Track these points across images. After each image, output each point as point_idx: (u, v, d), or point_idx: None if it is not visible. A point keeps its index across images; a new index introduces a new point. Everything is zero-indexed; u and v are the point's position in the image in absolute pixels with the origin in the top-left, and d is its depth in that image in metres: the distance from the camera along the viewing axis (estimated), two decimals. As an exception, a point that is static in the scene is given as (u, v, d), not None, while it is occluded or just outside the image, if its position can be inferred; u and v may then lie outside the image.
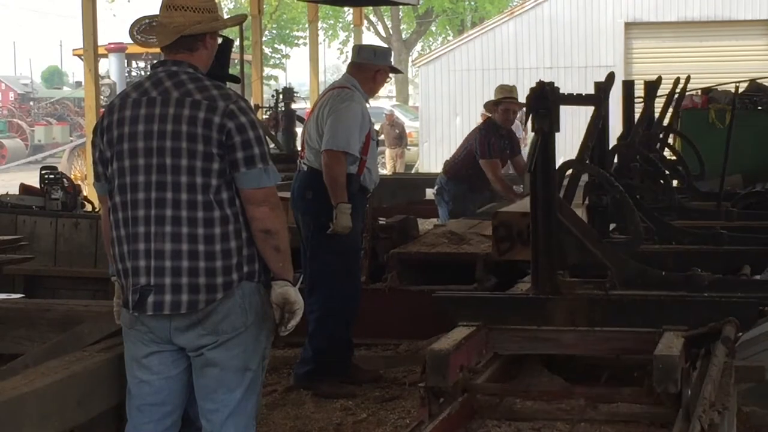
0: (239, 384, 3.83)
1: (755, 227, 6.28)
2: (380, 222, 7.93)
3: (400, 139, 26.54)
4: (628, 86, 7.02)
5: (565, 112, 5.01)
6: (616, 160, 6.59)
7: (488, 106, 9.55)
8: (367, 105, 6.60)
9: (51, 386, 3.81)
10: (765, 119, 10.06)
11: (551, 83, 4.38)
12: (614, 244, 4.84)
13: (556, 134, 4.47)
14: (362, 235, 7.01)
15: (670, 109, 8.21)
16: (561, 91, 4.56)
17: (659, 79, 7.29)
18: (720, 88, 10.97)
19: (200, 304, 3.73)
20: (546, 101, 4.34)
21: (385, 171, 23.61)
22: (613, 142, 6.57)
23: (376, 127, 26.60)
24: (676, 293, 4.47)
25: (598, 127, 5.16)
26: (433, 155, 26.69)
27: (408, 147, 27.43)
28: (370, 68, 6.55)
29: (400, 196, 12.91)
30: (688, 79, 8.05)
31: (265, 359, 3.94)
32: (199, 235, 3.71)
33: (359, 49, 6.80)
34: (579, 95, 5.23)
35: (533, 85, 4.47)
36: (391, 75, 6.93)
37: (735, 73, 17.14)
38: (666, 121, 8.19)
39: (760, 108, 10.20)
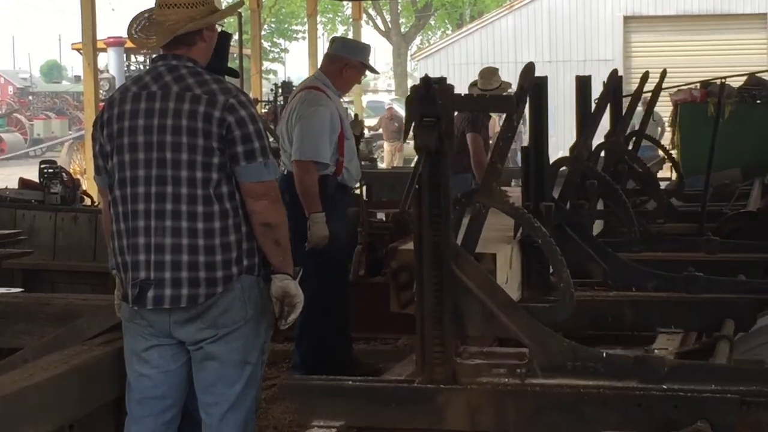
0: (239, 378, 3.84)
1: (742, 261, 5.06)
2: (378, 216, 7.90)
3: (398, 132, 26.55)
4: (583, 83, 5.60)
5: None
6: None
7: (473, 90, 9.35)
8: (341, 99, 6.36)
9: (50, 380, 3.81)
10: (764, 113, 10.05)
11: (441, 79, 3.18)
12: (536, 312, 3.38)
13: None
14: (358, 230, 6.96)
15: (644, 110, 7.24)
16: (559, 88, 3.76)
17: (615, 72, 5.98)
18: (719, 81, 10.93)
19: (200, 298, 3.73)
20: (433, 107, 3.11)
21: (383, 164, 23.58)
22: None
23: (375, 120, 26.24)
24: (623, 384, 3.25)
25: (509, 141, 3.53)
26: (431, 149, 26.63)
27: (407, 141, 27.42)
28: (339, 61, 6.32)
29: (398, 189, 12.87)
30: (663, 74, 7.05)
31: (264, 353, 3.95)
32: (199, 230, 3.72)
33: (332, 40, 6.64)
34: (482, 97, 3.77)
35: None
36: (367, 73, 6.57)
37: (733, 66, 17.11)
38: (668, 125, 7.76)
39: (759, 102, 10.19)
